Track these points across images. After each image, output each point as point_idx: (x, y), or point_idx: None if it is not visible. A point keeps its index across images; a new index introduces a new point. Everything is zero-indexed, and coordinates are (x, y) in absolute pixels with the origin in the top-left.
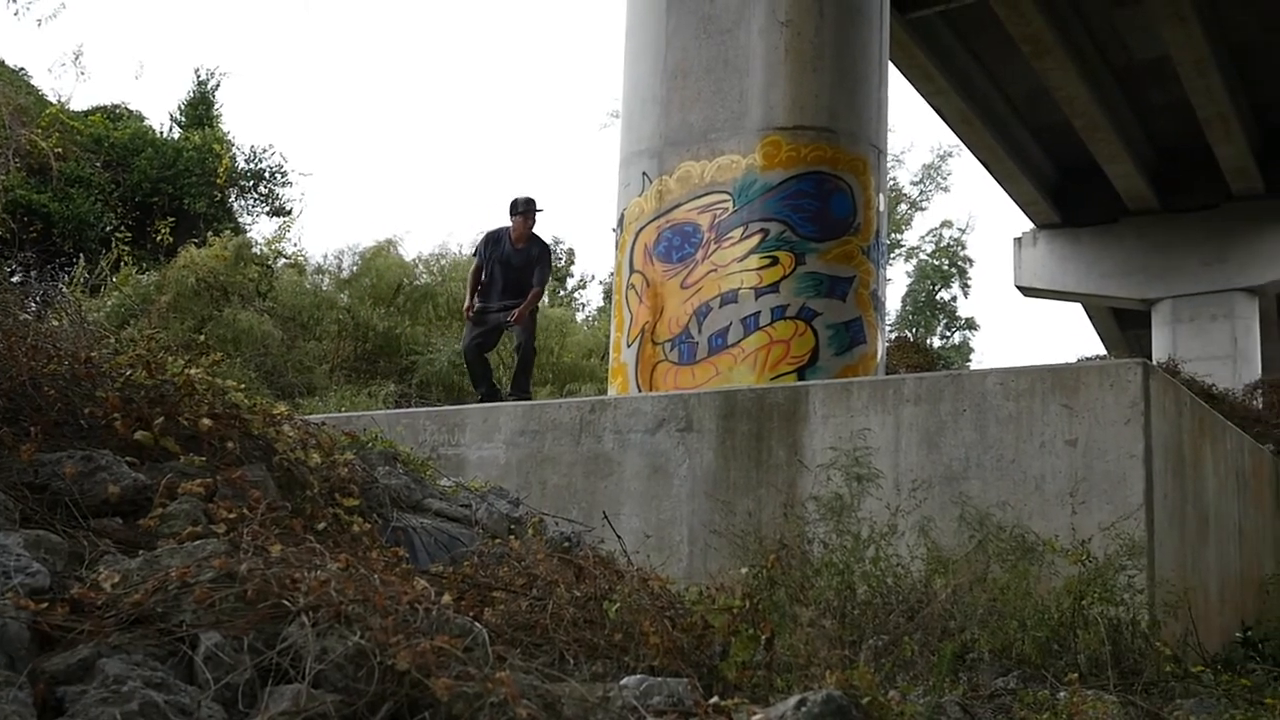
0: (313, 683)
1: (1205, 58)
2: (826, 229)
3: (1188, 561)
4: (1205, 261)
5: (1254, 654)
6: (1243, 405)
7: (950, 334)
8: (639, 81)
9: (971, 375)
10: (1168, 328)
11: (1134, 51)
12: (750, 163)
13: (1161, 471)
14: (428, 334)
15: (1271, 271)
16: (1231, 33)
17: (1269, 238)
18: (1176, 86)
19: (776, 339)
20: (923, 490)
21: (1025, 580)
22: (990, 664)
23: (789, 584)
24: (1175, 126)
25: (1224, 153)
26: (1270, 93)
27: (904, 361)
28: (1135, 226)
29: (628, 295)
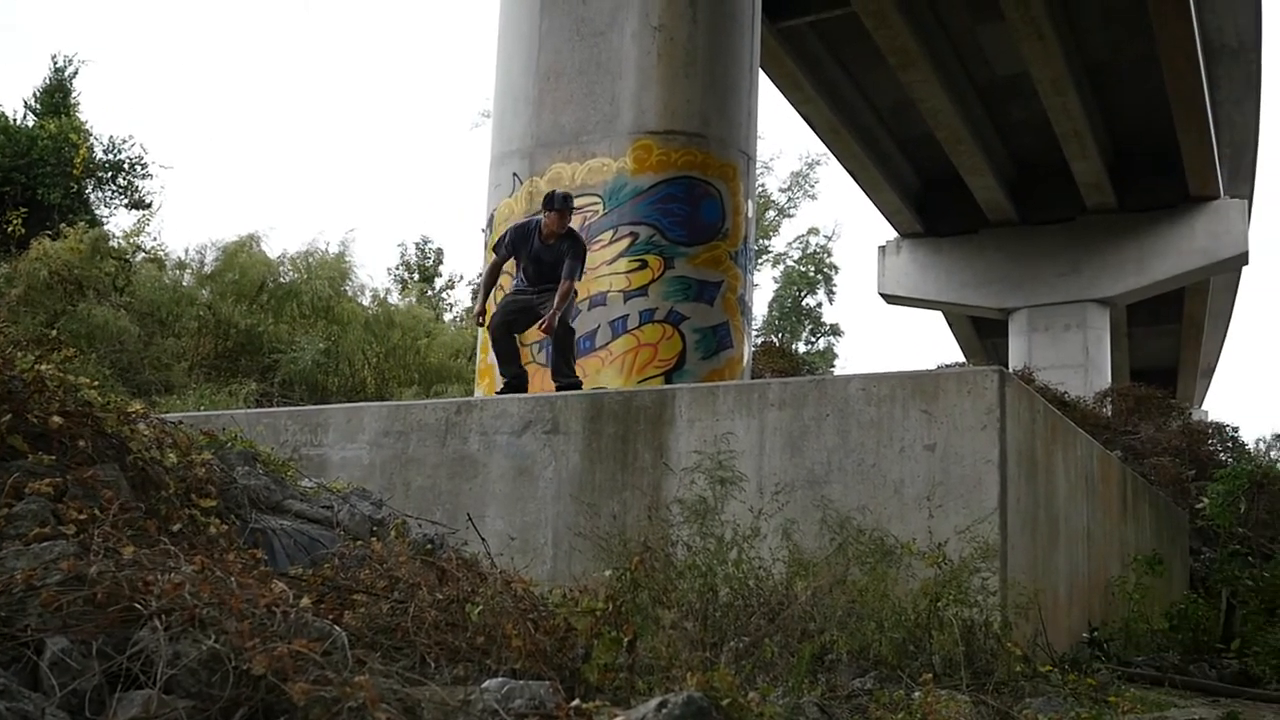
0: (164, 688)
1: (1063, 75)
2: (696, 234)
3: (1039, 564)
4: (1060, 273)
5: (1100, 653)
6: (1093, 412)
7: (815, 339)
8: (511, 82)
9: (835, 381)
10: (1024, 336)
11: (996, 67)
12: (621, 166)
13: (1015, 476)
14: (291, 332)
15: (1122, 283)
16: (1088, 52)
17: (1120, 251)
18: (1036, 102)
19: (644, 342)
20: (785, 494)
21: (883, 582)
22: (848, 665)
23: (652, 586)
24: (1034, 141)
25: (1079, 168)
26: (1124, 111)
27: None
28: (994, 237)
29: (496, 296)
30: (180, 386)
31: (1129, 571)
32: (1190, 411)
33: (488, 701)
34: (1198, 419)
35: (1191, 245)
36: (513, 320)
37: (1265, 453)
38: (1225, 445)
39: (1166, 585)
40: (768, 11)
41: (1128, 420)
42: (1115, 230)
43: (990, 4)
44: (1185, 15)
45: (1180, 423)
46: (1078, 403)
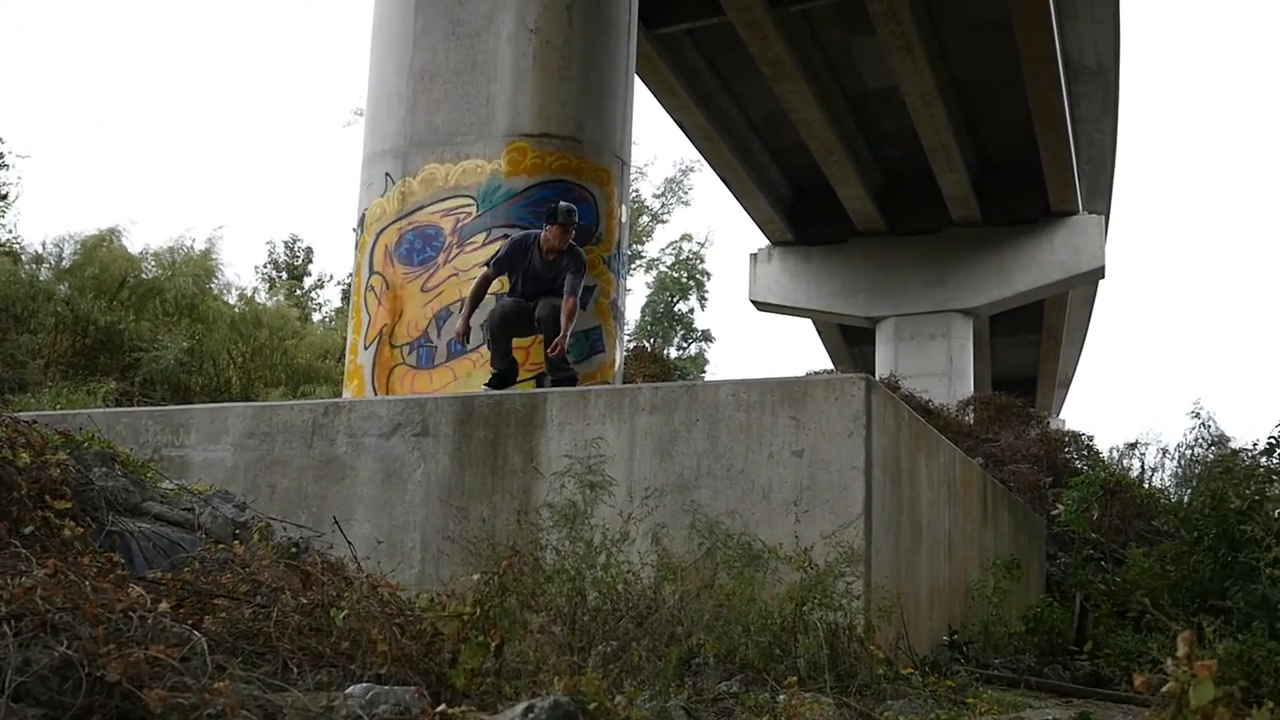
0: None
1: (931, 90)
2: None
3: (902, 568)
4: (926, 283)
5: (959, 656)
6: (956, 420)
7: (687, 345)
8: (384, 80)
9: (705, 386)
10: (890, 345)
11: (867, 80)
12: (495, 168)
13: (880, 482)
14: (154, 330)
15: (985, 295)
16: (956, 68)
17: (984, 263)
18: (905, 116)
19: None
20: (655, 498)
21: (750, 587)
22: (715, 668)
23: (520, 591)
24: (903, 153)
25: (946, 181)
26: (989, 126)
27: (641, 371)
28: (863, 247)
29: (366, 297)
30: (35, 384)
31: (988, 576)
32: (1048, 420)
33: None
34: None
35: (1052, 259)
36: (512, 325)
37: (1118, 461)
38: (1081, 453)
39: (1024, 589)
40: (644, 18)
41: (989, 428)
42: (979, 242)
43: (863, 19)
44: (1048, 36)
45: (1039, 431)
46: (941, 411)
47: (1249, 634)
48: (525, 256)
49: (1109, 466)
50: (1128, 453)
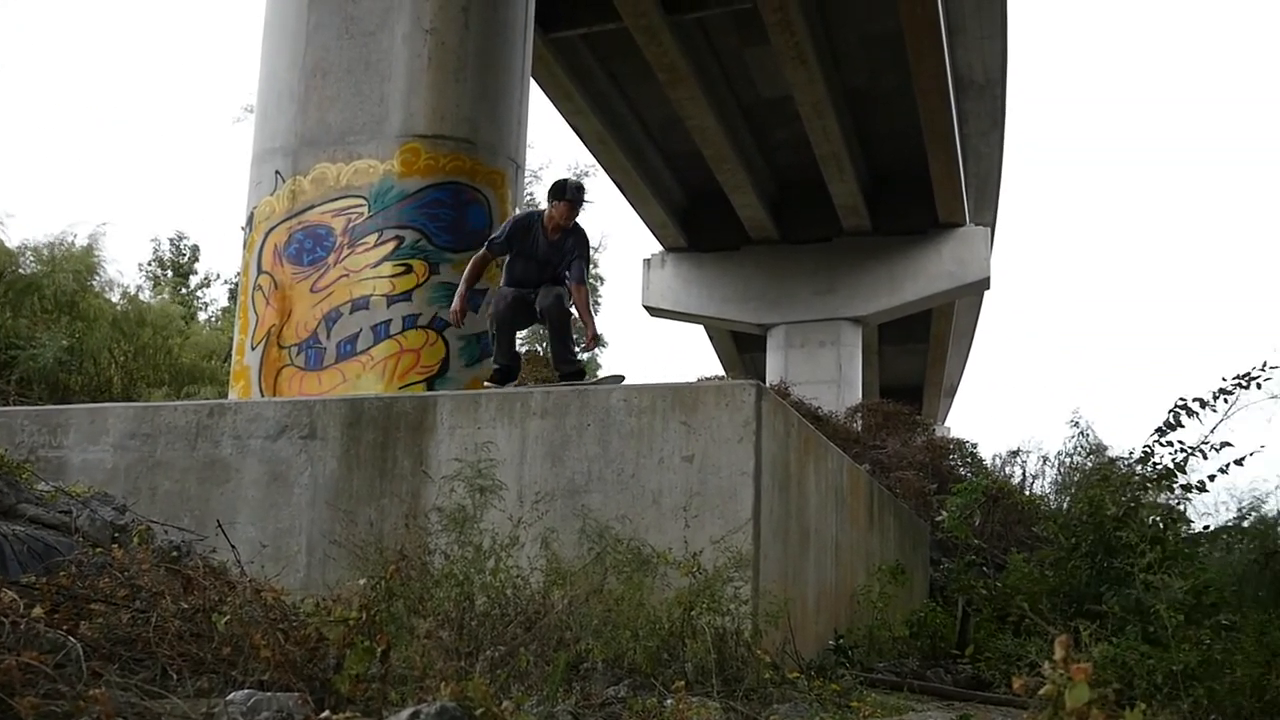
0: None
1: (824, 100)
2: (462, 240)
3: (789, 573)
4: (817, 292)
5: (844, 660)
6: (844, 427)
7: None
8: (276, 77)
9: (597, 391)
10: (781, 352)
11: (761, 89)
12: (388, 169)
13: (769, 488)
14: (31, 328)
15: (875, 304)
16: (849, 80)
17: (874, 272)
18: (798, 125)
19: (407, 348)
20: (546, 502)
21: (640, 592)
22: (603, 673)
23: (408, 595)
24: (796, 162)
25: (837, 190)
26: (880, 138)
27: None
28: (755, 255)
29: (254, 296)
30: None
31: (873, 581)
32: (934, 428)
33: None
34: (941, 435)
35: (939, 269)
36: (518, 316)
37: (1001, 468)
38: (965, 461)
39: (908, 594)
40: (541, 21)
41: (876, 435)
42: (870, 252)
43: (758, 28)
44: (939, 50)
45: (924, 438)
46: (830, 418)
47: (1123, 637)
48: (529, 235)
49: (991, 474)
50: (1010, 460)
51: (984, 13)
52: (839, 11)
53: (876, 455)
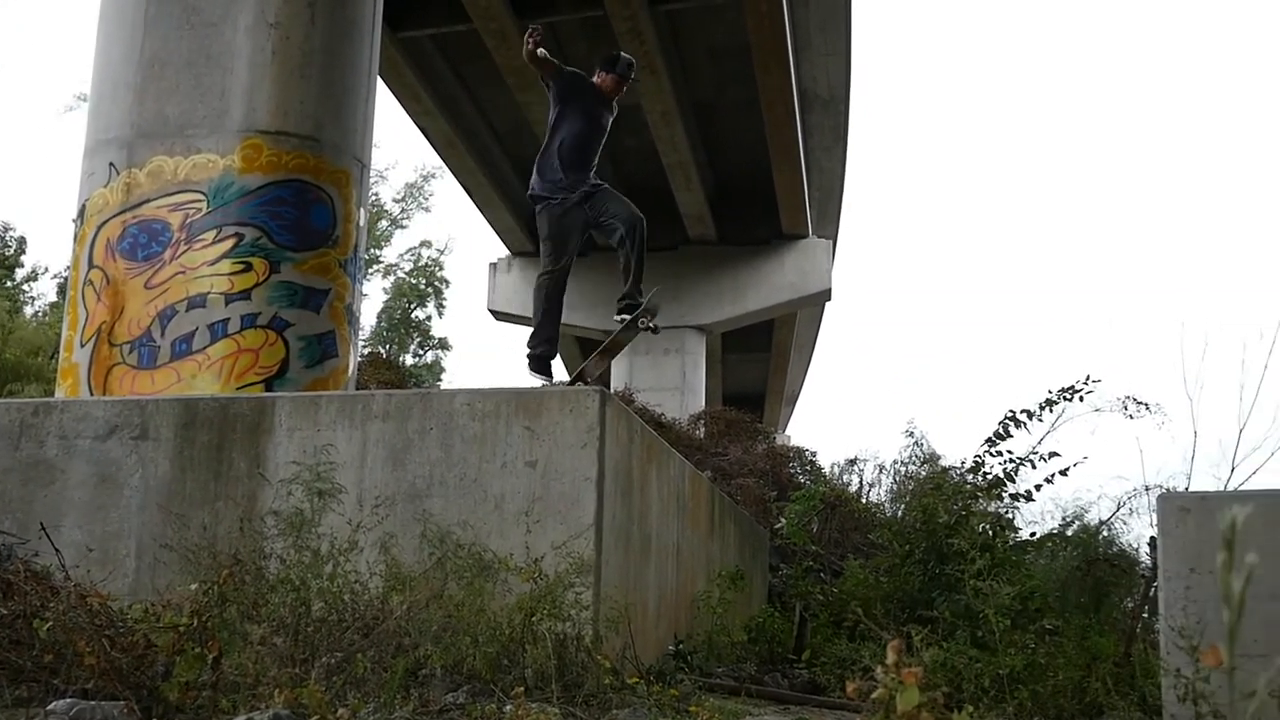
0: None
1: (672, 110)
2: (304, 239)
3: (630, 579)
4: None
5: (684, 665)
6: (687, 434)
7: (423, 353)
8: (111, 67)
9: (440, 394)
10: (626, 358)
11: None
12: (229, 164)
13: (612, 494)
14: None
15: (719, 312)
16: (697, 90)
17: (719, 281)
18: (646, 134)
19: (245, 347)
20: (386, 507)
21: (480, 597)
22: (442, 679)
23: (241, 601)
24: (644, 170)
25: (684, 199)
26: (727, 149)
27: (375, 378)
28: (602, 261)
29: (84, 292)
30: None
31: (714, 586)
32: (775, 436)
33: None
34: (781, 443)
35: (782, 280)
36: (564, 289)
37: (839, 476)
38: (804, 468)
39: (747, 599)
40: (389, 20)
41: (718, 442)
42: (715, 261)
43: (608, 36)
44: (784, 65)
45: (765, 446)
46: (673, 424)
47: (953, 642)
48: (588, 94)
49: (830, 481)
50: (848, 468)
51: (829, 30)
52: (688, 23)
53: (718, 462)
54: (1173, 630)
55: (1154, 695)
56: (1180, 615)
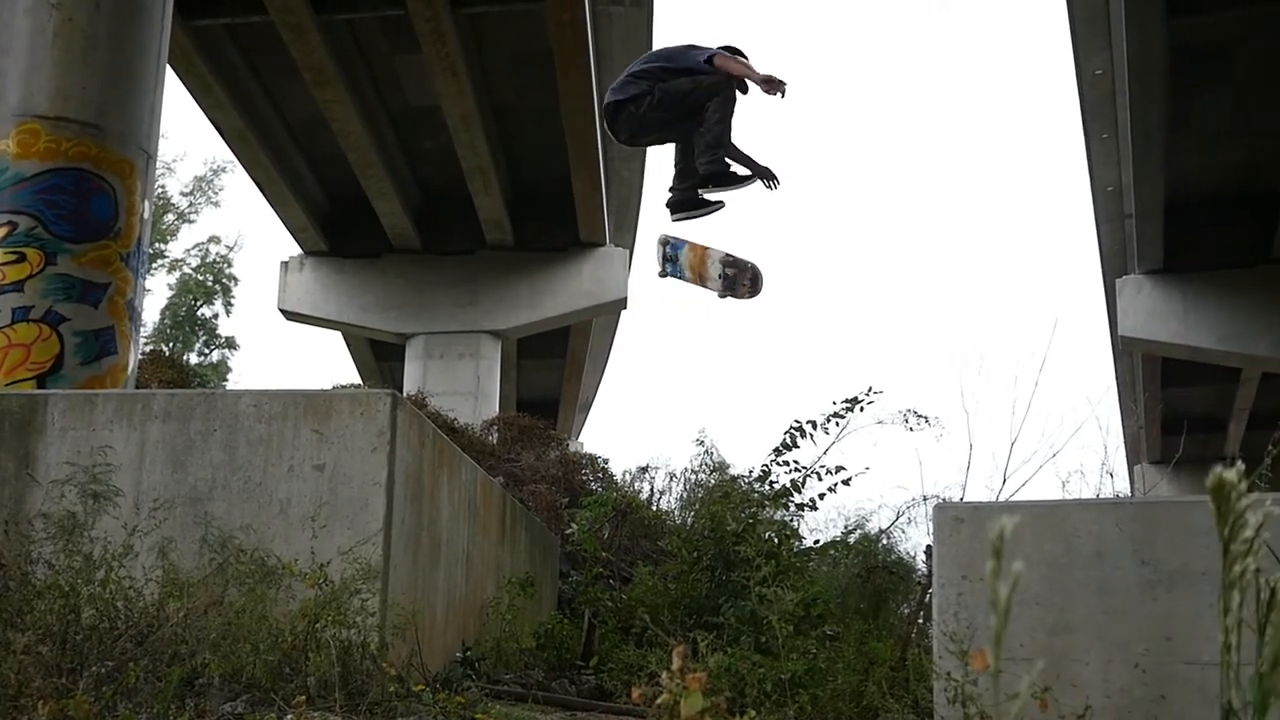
0: None
1: (472, 113)
2: (84, 230)
3: (419, 585)
4: (458, 304)
5: (471, 672)
6: (480, 439)
7: (209, 352)
8: None
9: (225, 395)
10: (420, 362)
11: (410, 97)
12: (4, 149)
13: (402, 499)
14: None
15: (515, 318)
16: (498, 95)
17: (515, 287)
18: (445, 136)
19: (16, 342)
20: (165, 510)
21: (262, 604)
22: (220, 689)
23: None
24: (442, 173)
25: (482, 204)
26: (527, 155)
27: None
28: (398, 263)
29: None
30: None
31: (503, 593)
32: (568, 442)
33: None
34: (575, 450)
35: (579, 287)
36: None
37: (631, 483)
38: (597, 475)
39: (537, 606)
40: (181, 8)
41: (511, 448)
42: (512, 267)
43: (409, 36)
44: (586, 74)
45: (558, 453)
46: (466, 429)
47: (737, 648)
48: None
49: (621, 489)
50: (639, 476)
51: (630, 42)
52: (491, 27)
53: (511, 468)
54: (945, 635)
55: (927, 698)
56: (952, 621)
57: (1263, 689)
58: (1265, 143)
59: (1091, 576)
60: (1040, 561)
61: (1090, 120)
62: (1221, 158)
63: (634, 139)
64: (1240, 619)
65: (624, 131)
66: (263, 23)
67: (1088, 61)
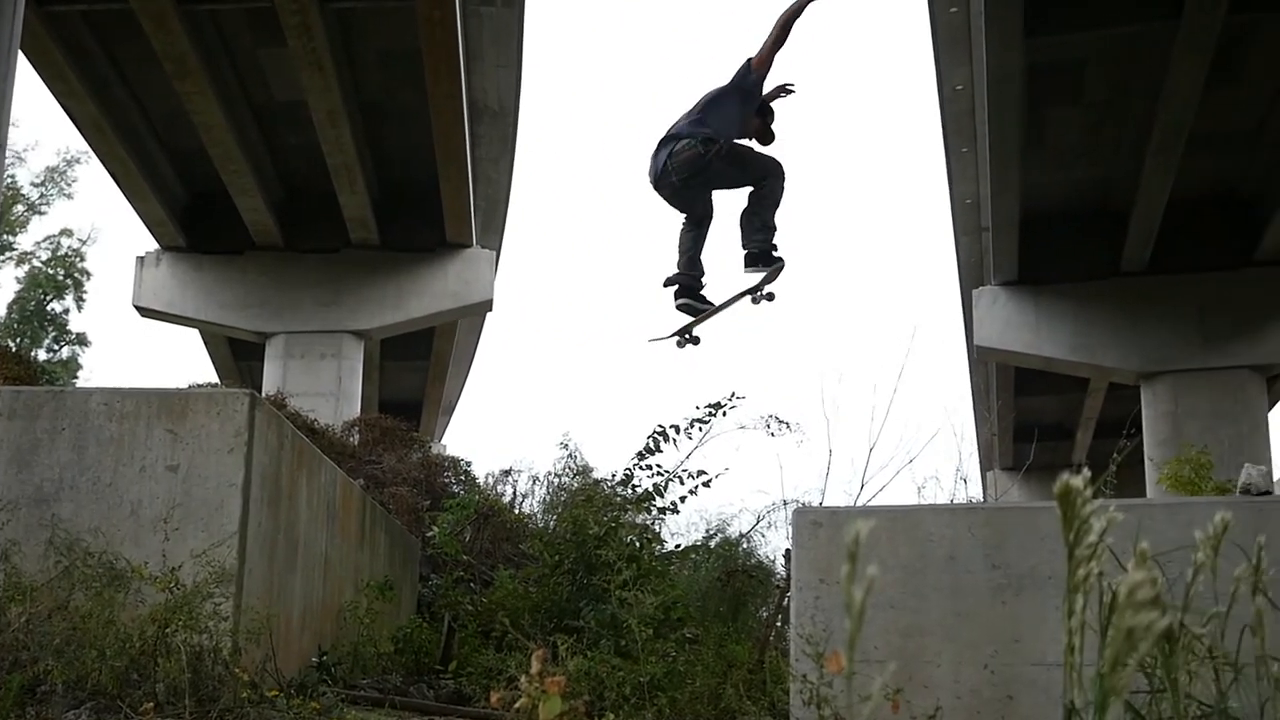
0: None
1: (338, 110)
2: None
3: (275, 589)
4: (321, 303)
5: (327, 677)
6: (341, 441)
7: (59, 348)
8: None
9: (75, 393)
10: (280, 362)
11: (275, 91)
12: None
13: (259, 500)
14: None
15: (379, 319)
16: (366, 91)
17: (380, 287)
18: (311, 132)
19: None
20: (9, 512)
21: (110, 608)
22: (64, 696)
23: None
24: (306, 170)
25: (347, 202)
26: (394, 154)
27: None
28: (259, 261)
29: None
30: None
31: (361, 597)
32: (431, 445)
33: None
34: (437, 452)
35: (445, 288)
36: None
37: (494, 486)
38: (460, 478)
39: (396, 610)
40: None
41: (373, 450)
42: (377, 266)
43: (275, 29)
44: (455, 74)
45: (421, 455)
46: (327, 431)
47: (597, 651)
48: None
49: (484, 491)
50: (502, 479)
51: (501, 42)
52: (360, 24)
53: (372, 470)
54: (801, 638)
55: (783, 700)
56: (809, 624)
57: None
58: (1116, 161)
59: (944, 580)
60: (895, 565)
61: (950, 134)
62: (1075, 174)
63: (687, 183)
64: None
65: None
66: (122, 10)
67: (949, 77)
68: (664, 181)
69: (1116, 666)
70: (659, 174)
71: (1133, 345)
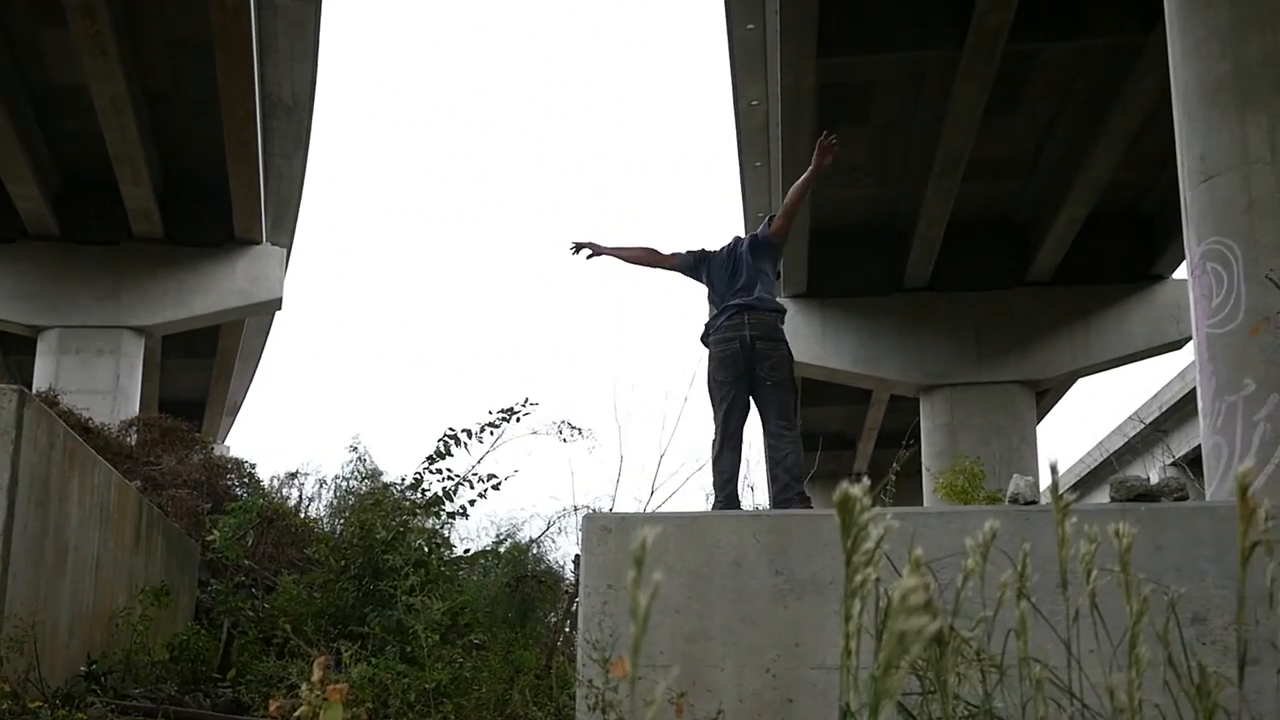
0: None
1: (123, 97)
2: None
3: (41, 595)
4: (99, 297)
5: (97, 687)
6: (117, 441)
7: None
8: None
9: None
10: (53, 357)
11: (53, 74)
12: None
13: (25, 502)
14: None
15: (161, 315)
16: (153, 80)
17: (163, 282)
18: (92, 119)
19: None
20: None
21: None
22: None
23: None
24: (87, 158)
25: (130, 193)
26: (182, 145)
27: None
28: (32, 251)
29: None
30: None
31: (135, 603)
32: (214, 446)
33: None
34: (221, 454)
35: (232, 285)
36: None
37: (279, 489)
38: (243, 480)
39: (173, 616)
40: None
41: (151, 451)
42: (160, 261)
43: (55, 9)
44: (248, 67)
45: (203, 456)
46: (103, 430)
47: (382, 657)
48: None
49: (268, 494)
50: (288, 482)
51: (296, 36)
52: (147, 8)
53: (150, 472)
54: (588, 643)
55: (570, 706)
56: (597, 629)
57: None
58: (902, 181)
59: (730, 585)
60: (682, 571)
61: (745, 148)
62: (864, 192)
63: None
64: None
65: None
66: None
67: (744, 92)
68: (743, 351)
69: (890, 669)
70: (743, 342)
71: (914, 359)
